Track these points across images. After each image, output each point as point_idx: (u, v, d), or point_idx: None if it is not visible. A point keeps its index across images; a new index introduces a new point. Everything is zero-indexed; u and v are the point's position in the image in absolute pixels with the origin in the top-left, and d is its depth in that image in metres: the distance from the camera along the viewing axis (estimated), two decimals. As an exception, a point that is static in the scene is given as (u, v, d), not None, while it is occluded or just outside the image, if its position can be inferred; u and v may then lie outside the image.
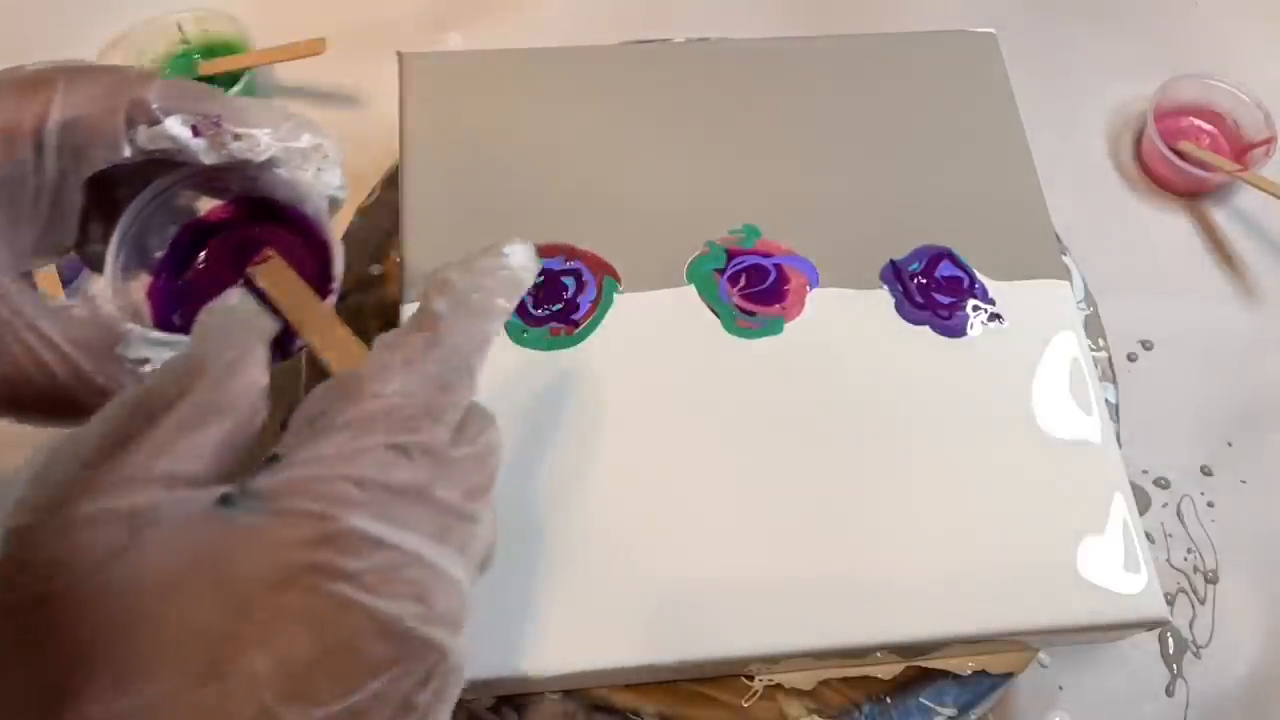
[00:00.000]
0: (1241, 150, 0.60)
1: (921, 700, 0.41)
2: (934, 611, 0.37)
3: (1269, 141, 0.58)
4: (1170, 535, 0.50)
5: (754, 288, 0.43)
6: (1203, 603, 0.49)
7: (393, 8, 0.62)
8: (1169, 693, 0.47)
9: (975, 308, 0.43)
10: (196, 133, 0.31)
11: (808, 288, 0.43)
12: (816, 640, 0.37)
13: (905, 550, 0.38)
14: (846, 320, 0.42)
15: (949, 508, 0.39)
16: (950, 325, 0.43)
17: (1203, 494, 0.51)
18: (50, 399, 0.28)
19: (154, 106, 0.30)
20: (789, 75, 0.48)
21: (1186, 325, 0.55)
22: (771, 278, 0.43)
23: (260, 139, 0.32)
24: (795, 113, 0.47)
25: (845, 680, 0.41)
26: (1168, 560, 0.50)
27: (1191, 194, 0.60)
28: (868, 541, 0.38)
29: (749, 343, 0.42)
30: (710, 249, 0.44)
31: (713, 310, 0.42)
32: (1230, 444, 0.53)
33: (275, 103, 0.33)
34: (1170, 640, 0.48)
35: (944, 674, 0.41)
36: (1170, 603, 0.49)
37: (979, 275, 0.44)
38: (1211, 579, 0.50)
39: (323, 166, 0.34)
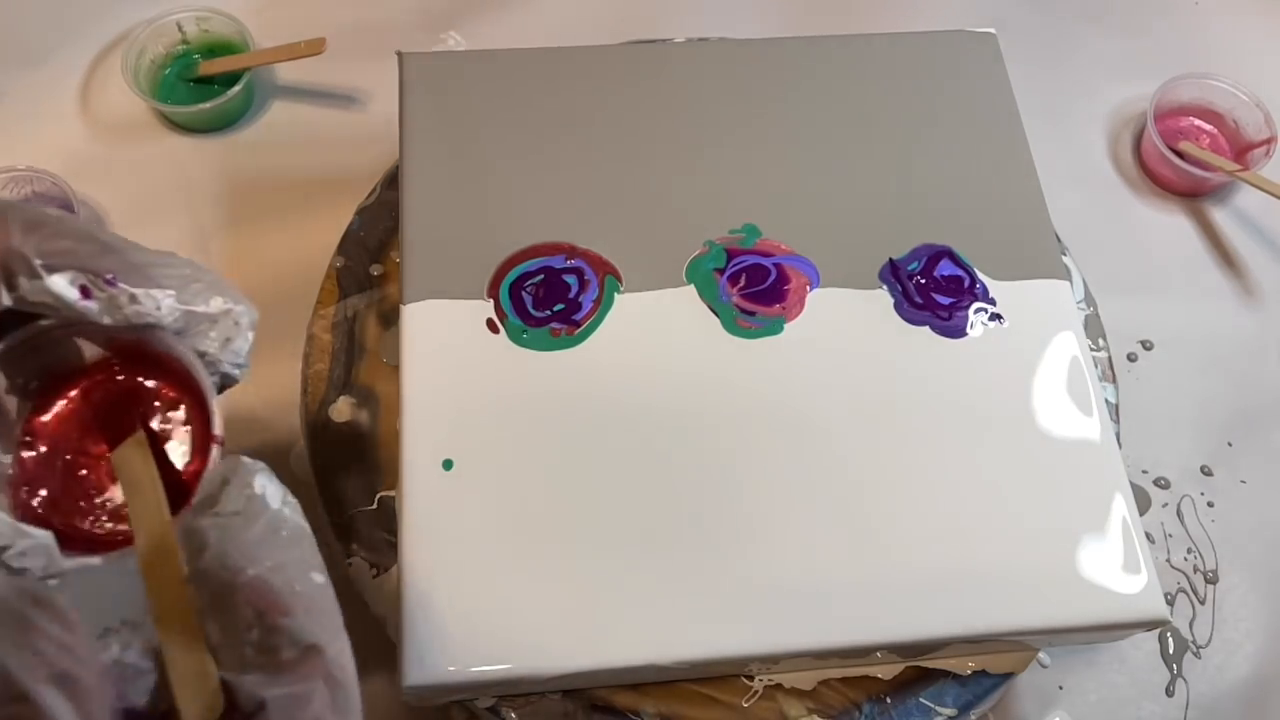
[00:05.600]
0: (1241, 150, 0.60)
1: (921, 700, 0.41)
2: (934, 611, 0.37)
3: (1269, 141, 0.58)
4: (1170, 535, 0.50)
5: (754, 288, 0.43)
6: (1203, 603, 0.49)
7: (393, 8, 0.62)
8: (1169, 693, 0.47)
9: (976, 308, 0.43)
10: (86, 293, 0.26)
11: (808, 288, 0.43)
12: (816, 640, 0.37)
13: (905, 550, 0.38)
14: (846, 320, 0.42)
15: (949, 508, 0.39)
16: (950, 325, 0.43)
17: (1203, 494, 0.51)
18: None
19: (35, 263, 0.26)
20: (789, 75, 0.48)
21: (1186, 325, 0.55)
22: (771, 278, 0.43)
23: (162, 302, 0.27)
24: (795, 113, 0.47)
25: (845, 680, 0.41)
26: (1168, 560, 0.50)
27: (1191, 194, 0.60)
28: (868, 541, 0.38)
29: (749, 343, 0.42)
30: (710, 249, 0.44)
31: (713, 310, 0.42)
32: (1230, 444, 0.53)
33: (181, 259, 0.28)
34: (1170, 640, 0.48)
35: (944, 674, 0.42)
36: (1170, 603, 0.49)
37: (979, 274, 0.44)
38: (1211, 579, 0.50)
39: (232, 335, 0.29)
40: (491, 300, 0.42)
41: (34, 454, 0.30)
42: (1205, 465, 0.52)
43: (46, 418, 0.31)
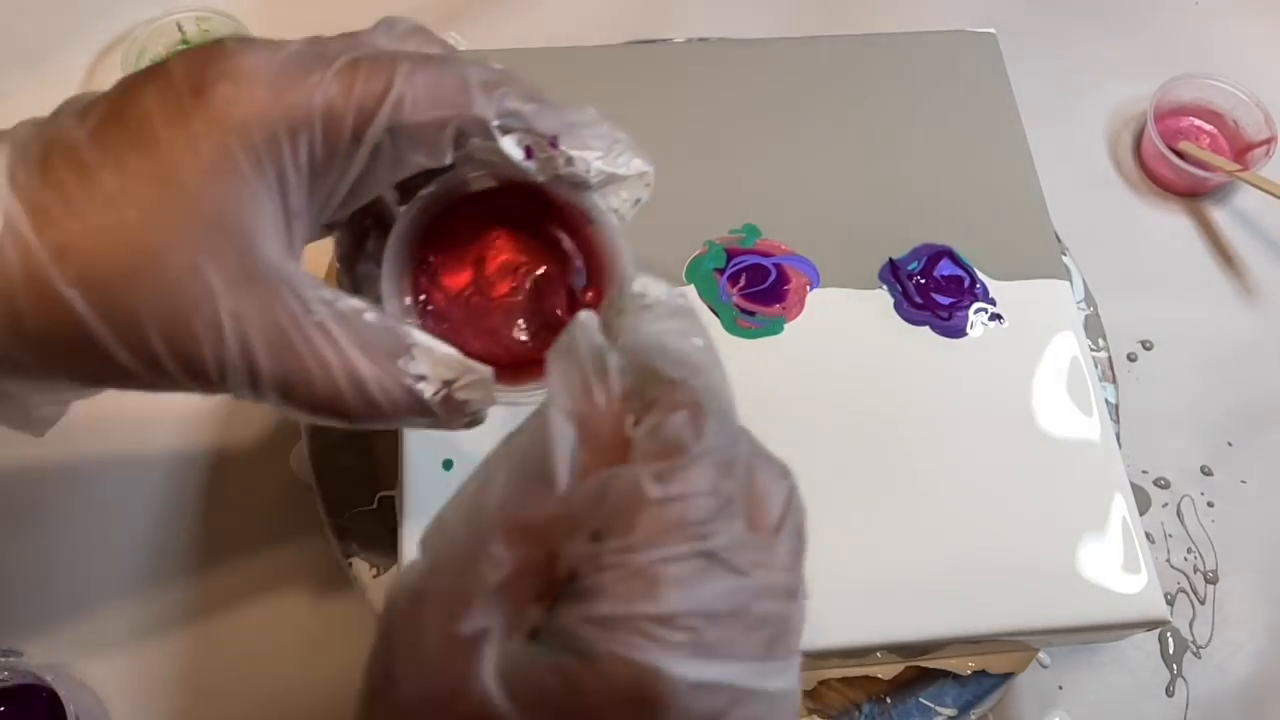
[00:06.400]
0: (1241, 150, 0.60)
1: (921, 700, 0.41)
2: (934, 611, 0.37)
3: (1269, 141, 0.58)
4: (1170, 535, 0.50)
5: (754, 288, 0.43)
6: (1203, 603, 0.49)
7: (393, 8, 0.62)
8: (1169, 693, 0.47)
9: (976, 308, 0.43)
10: (529, 154, 0.28)
11: (808, 288, 0.43)
12: (816, 640, 0.37)
13: (905, 550, 0.38)
14: (846, 320, 0.42)
15: (949, 508, 0.39)
16: (950, 325, 0.43)
17: (1203, 494, 0.51)
18: (320, 400, 0.26)
19: (494, 124, 0.27)
20: (789, 75, 0.48)
21: (1186, 325, 0.55)
22: (771, 278, 0.43)
23: (591, 164, 0.28)
24: (795, 113, 0.47)
25: (845, 680, 0.41)
26: (1168, 560, 0.50)
27: (1191, 194, 0.60)
28: (868, 541, 0.38)
29: (749, 343, 0.42)
30: (710, 249, 0.44)
31: (713, 310, 0.42)
32: (1230, 444, 0.53)
33: (601, 119, 0.29)
34: (1170, 640, 0.48)
35: (944, 674, 0.42)
36: (1170, 603, 0.49)
37: (979, 274, 0.44)
38: (1211, 579, 0.50)
39: (641, 195, 0.31)
40: (491, 300, 0.42)
41: (437, 291, 0.31)
42: (1205, 465, 0.52)
43: (446, 255, 0.31)
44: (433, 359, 0.27)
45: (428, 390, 0.27)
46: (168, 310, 0.24)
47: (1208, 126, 0.61)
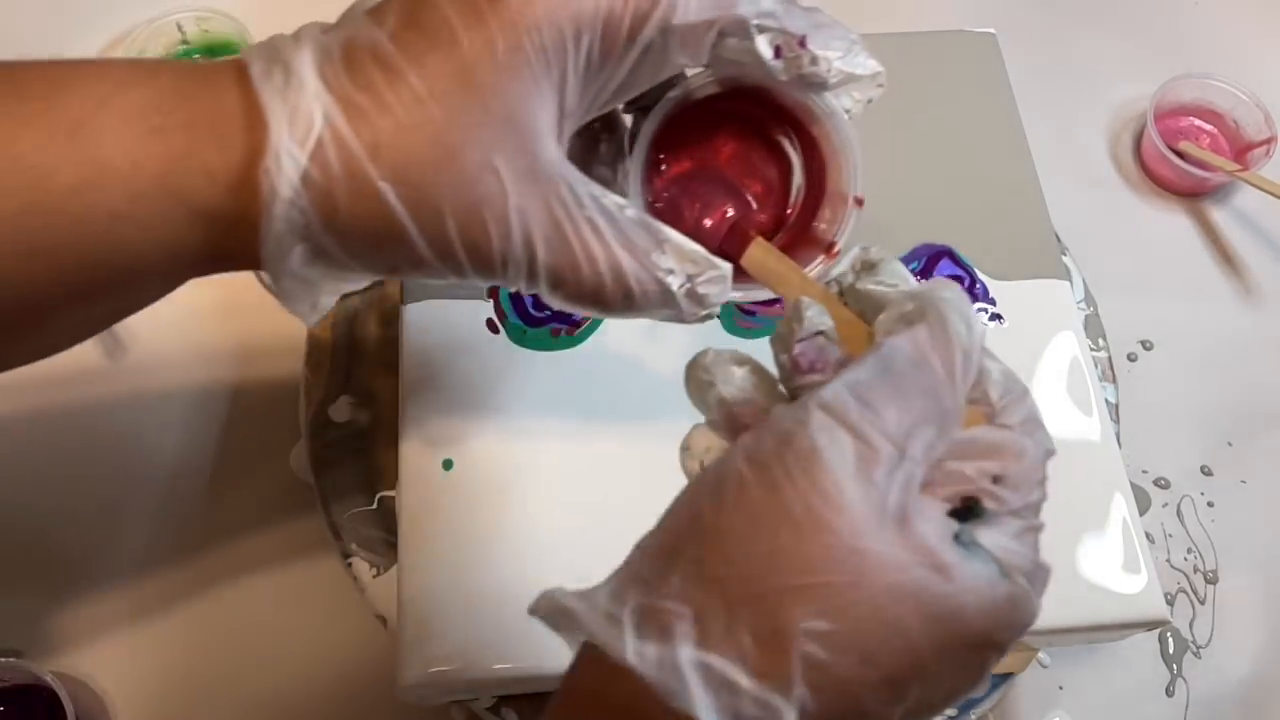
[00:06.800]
0: (1241, 150, 0.60)
1: (921, 700, 0.41)
2: (934, 611, 0.37)
3: (1269, 141, 0.58)
4: (1170, 535, 0.50)
5: (754, 288, 0.43)
6: (1203, 603, 0.49)
7: None
8: (1169, 693, 0.47)
9: (976, 308, 0.43)
10: (778, 53, 0.29)
11: (808, 288, 0.43)
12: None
13: (905, 550, 0.38)
14: (846, 320, 0.42)
15: (949, 508, 0.39)
16: (950, 325, 0.43)
17: (1203, 494, 0.51)
18: (585, 291, 0.28)
19: (752, 24, 0.28)
20: (789, 75, 0.48)
21: (1186, 325, 0.55)
22: (771, 278, 0.43)
23: (833, 64, 0.30)
24: (795, 113, 0.47)
25: (845, 680, 0.41)
26: (1168, 560, 0.50)
27: (1191, 194, 0.60)
28: (868, 541, 0.38)
29: (749, 343, 0.42)
30: (710, 249, 0.43)
31: (713, 310, 0.42)
32: (1230, 444, 0.53)
33: (837, 21, 0.30)
34: (1170, 640, 0.48)
35: (944, 674, 0.41)
36: (1170, 603, 0.49)
37: (979, 274, 0.44)
38: (1211, 579, 0.50)
39: (872, 95, 0.32)
40: (491, 300, 0.42)
41: (666, 189, 0.33)
42: (1205, 465, 0.52)
43: (675, 156, 0.33)
44: (681, 254, 0.29)
45: (675, 283, 0.29)
46: (464, 204, 0.26)
47: (1208, 126, 0.61)
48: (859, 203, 0.33)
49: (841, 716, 0.22)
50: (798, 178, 0.34)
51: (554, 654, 0.36)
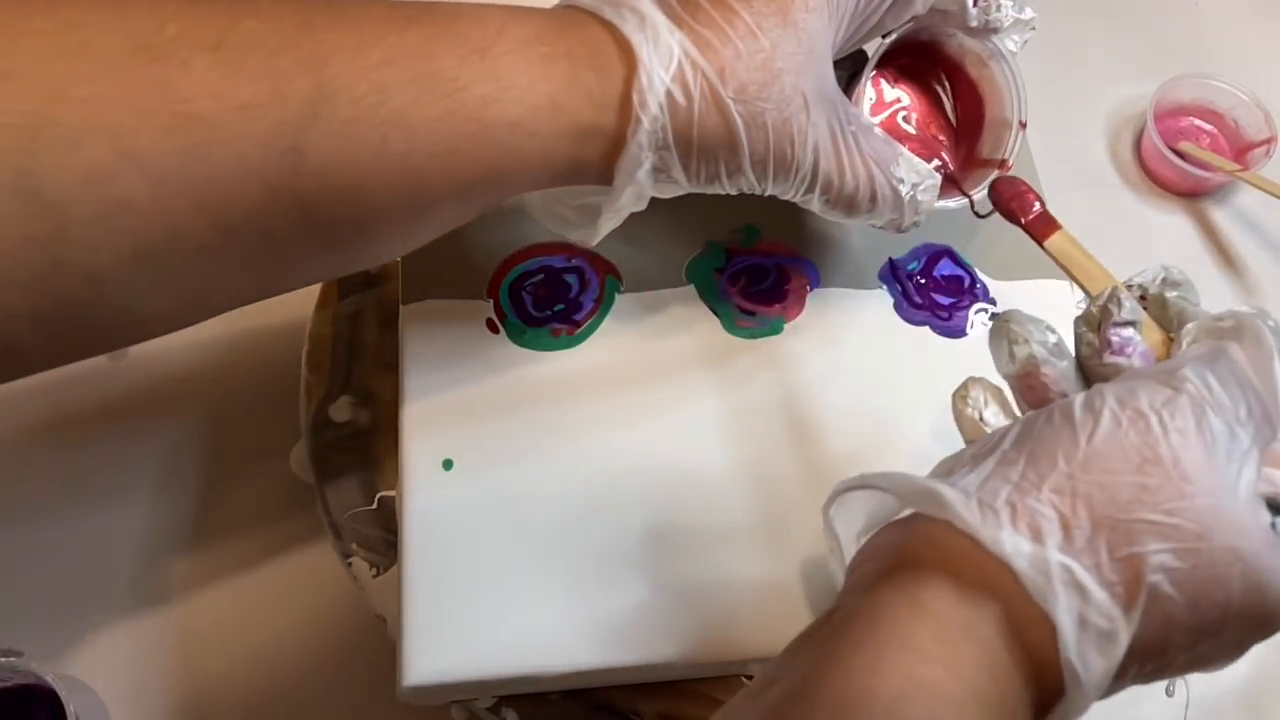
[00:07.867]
0: (1241, 150, 0.60)
1: (921, 700, 0.41)
2: (934, 611, 0.37)
3: (1269, 141, 0.58)
4: (1170, 535, 0.50)
5: (754, 288, 0.43)
6: (1203, 603, 0.49)
7: None
8: (1169, 693, 0.47)
9: (976, 308, 0.43)
10: (975, 2, 0.37)
11: (808, 288, 0.43)
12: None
13: (905, 550, 0.38)
14: (846, 320, 0.42)
15: (949, 508, 0.39)
16: (950, 325, 0.43)
17: (1203, 494, 0.51)
18: (843, 196, 0.34)
19: None
20: (789, 75, 0.48)
21: (1186, 325, 0.55)
22: (771, 278, 0.43)
23: (1008, 11, 0.37)
24: (795, 113, 0.47)
25: (845, 680, 0.41)
26: (1168, 560, 0.50)
27: (1191, 194, 0.60)
28: (868, 541, 0.38)
29: (749, 343, 0.42)
30: (710, 249, 0.44)
31: (713, 310, 0.42)
32: (1230, 444, 0.53)
33: None
34: (1170, 640, 0.48)
35: (944, 674, 0.41)
36: (1170, 603, 0.49)
37: (979, 274, 0.44)
38: (1211, 579, 0.49)
39: (1027, 37, 0.39)
40: (491, 300, 0.42)
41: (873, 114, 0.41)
42: (1205, 465, 0.52)
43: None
44: (911, 167, 0.35)
45: (904, 190, 0.35)
46: (781, 118, 0.31)
47: (1208, 126, 0.61)
48: (1023, 125, 0.40)
49: (1151, 647, 0.25)
50: (951, 117, 0.42)
51: (554, 654, 0.36)
